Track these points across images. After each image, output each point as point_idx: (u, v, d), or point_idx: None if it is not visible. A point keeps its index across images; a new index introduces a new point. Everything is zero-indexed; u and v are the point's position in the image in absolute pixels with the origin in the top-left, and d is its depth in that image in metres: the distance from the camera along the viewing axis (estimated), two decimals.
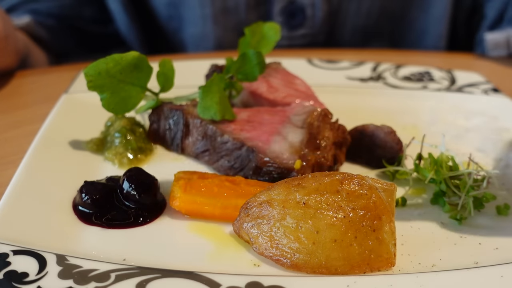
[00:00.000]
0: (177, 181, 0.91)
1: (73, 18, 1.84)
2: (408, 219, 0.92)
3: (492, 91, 1.36)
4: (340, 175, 0.82)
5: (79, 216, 0.89)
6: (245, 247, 0.84)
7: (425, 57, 1.76)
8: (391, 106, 1.32)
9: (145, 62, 1.04)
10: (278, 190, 0.82)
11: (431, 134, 1.14)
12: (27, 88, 1.47)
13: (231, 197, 0.90)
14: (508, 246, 0.85)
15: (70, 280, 0.73)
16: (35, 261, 0.76)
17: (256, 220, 0.81)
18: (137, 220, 0.89)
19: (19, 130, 1.22)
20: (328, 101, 1.19)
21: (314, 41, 1.82)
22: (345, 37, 1.85)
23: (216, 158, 1.04)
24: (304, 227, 0.77)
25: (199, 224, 0.89)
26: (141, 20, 1.87)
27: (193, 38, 1.85)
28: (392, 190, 0.82)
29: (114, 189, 0.93)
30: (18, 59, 1.53)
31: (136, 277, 0.74)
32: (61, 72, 1.58)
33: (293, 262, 0.77)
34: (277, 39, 1.24)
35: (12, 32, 1.48)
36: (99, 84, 1.01)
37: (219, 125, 1.04)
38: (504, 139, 1.18)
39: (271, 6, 1.76)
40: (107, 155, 1.06)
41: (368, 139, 1.07)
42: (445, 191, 0.95)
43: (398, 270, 0.79)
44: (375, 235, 0.78)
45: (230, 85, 1.14)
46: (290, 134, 1.00)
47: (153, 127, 1.13)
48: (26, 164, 0.98)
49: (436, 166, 0.97)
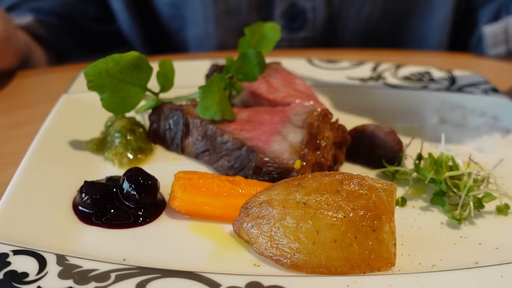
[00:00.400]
0: (177, 181, 0.91)
1: (75, 16, 1.84)
2: (408, 219, 0.92)
3: (492, 91, 1.36)
4: (340, 175, 0.82)
5: (79, 216, 0.89)
6: (245, 247, 0.84)
7: (425, 57, 1.76)
8: (391, 106, 1.33)
9: (145, 62, 1.04)
10: (278, 190, 0.82)
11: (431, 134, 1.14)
12: (27, 88, 1.47)
13: (231, 197, 0.90)
14: (508, 246, 0.85)
15: (70, 280, 0.73)
16: (35, 261, 0.76)
17: (256, 220, 0.81)
18: (137, 220, 0.89)
19: (19, 130, 1.22)
20: (328, 101, 1.19)
21: (314, 44, 1.83)
22: (345, 41, 1.85)
23: (216, 158, 1.04)
24: (304, 227, 0.77)
25: (199, 224, 0.89)
26: (143, 19, 1.87)
27: (196, 39, 1.86)
28: (392, 190, 0.82)
29: (114, 189, 0.93)
30: (19, 59, 1.53)
31: (136, 277, 0.74)
32: (61, 72, 1.58)
33: (293, 262, 0.77)
34: (277, 39, 1.24)
35: (13, 32, 1.48)
36: (99, 84, 1.01)
37: (219, 125, 1.04)
38: (504, 139, 1.18)
39: (272, 8, 1.77)
40: (107, 155, 1.06)
41: (368, 139, 1.07)
42: (445, 191, 0.95)
43: (398, 270, 0.79)
44: (375, 235, 0.78)
45: (230, 85, 1.14)
46: (290, 134, 1.00)
47: (153, 127, 1.13)
48: (26, 164, 0.97)
49: (436, 166, 0.97)
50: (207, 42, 1.84)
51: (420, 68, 1.50)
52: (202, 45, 1.86)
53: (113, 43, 1.92)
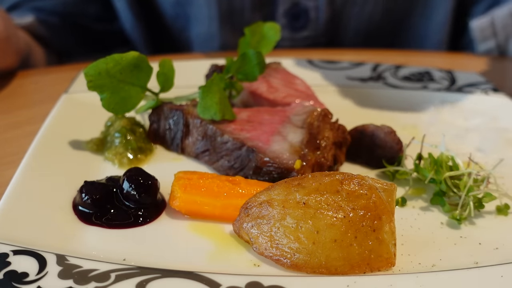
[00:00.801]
0: (177, 181, 0.91)
1: (77, 16, 1.84)
2: (408, 219, 0.92)
3: (492, 91, 1.36)
4: (340, 175, 0.82)
5: (79, 216, 0.89)
6: (245, 247, 0.84)
7: (425, 57, 1.76)
8: (391, 106, 1.32)
9: (145, 62, 1.04)
10: (278, 190, 0.82)
11: (431, 134, 1.14)
12: (28, 88, 1.47)
13: (231, 197, 0.90)
14: (508, 246, 0.85)
15: (70, 280, 0.73)
16: (35, 261, 0.76)
17: (256, 220, 0.81)
18: (137, 220, 0.89)
19: (19, 130, 1.22)
20: (328, 101, 1.19)
21: (316, 43, 1.83)
22: (347, 40, 1.86)
23: (216, 158, 1.04)
24: (304, 227, 0.77)
25: (199, 224, 0.89)
26: (146, 18, 1.87)
27: (199, 38, 1.86)
28: (392, 190, 0.82)
29: (114, 189, 0.93)
30: (19, 59, 1.53)
31: (136, 277, 0.74)
32: (61, 72, 1.58)
33: (293, 262, 0.77)
34: (277, 39, 1.24)
35: (13, 32, 1.48)
36: (99, 84, 1.01)
37: (219, 125, 1.04)
38: (504, 139, 1.18)
39: (275, 7, 1.77)
40: (107, 155, 1.06)
41: (368, 139, 1.07)
42: (445, 191, 0.95)
43: (398, 270, 0.79)
44: (375, 235, 0.78)
45: (230, 85, 1.14)
46: (290, 134, 1.00)
47: (153, 127, 1.13)
48: (26, 164, 0.97)
49: (436, 166, 0.97)
50: (211, 41, 1.84)
51: (420, 68, 1.50)
52: (205, 45, 1.86)
53: (115, 43, 1.92)
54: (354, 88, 1.39)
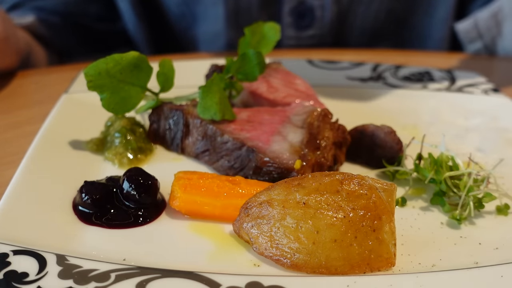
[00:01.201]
0: (177, 181, 0.91)
1: (78, 15, 1.84)
2: (408, 219, 0.92)
3: (492, 91, 1.36)
4: (340, 175, 0.82)
5: (79, 216, 0.89)
6: (245, 247, 0.84)
7: (425, 57, 1.76)
8: (391, 106, 1.32)
9: (145, 62, 1.04)
10: (278, 190, 0.82)
11: (431, 134, 1.14)
12: (28, 88, 1.47)
13: (231, 197, 0.90)
14: (508, 246, 0.85)
15: (70, 280, 0.73)
16: (35, 261, 0.76)
17: (256, 220, 0.81)
18: (137, 220, 0.89)
19: (19, 130, 1.22)
20: (328, 101, 1.19)
21: (322, 42, 1.83)
22: (352, 39, 1.86)
23: (216, 158, 1.04)
24: (304, 227, 0.77)
25: (199, 224, 0.89)
26: (150, 18, 1.87)
27: (205, 36, 1.85)
28: (392, 190, 0.82)
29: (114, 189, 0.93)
30: (19, 59, 1.53)
31: (136, 277, 0.74)
32: (62, 72, 1.58)
33: (293, 262, 0.77)
34: (277, 39, 1.24)
35: (13, 32, 1.48)
36: (99, 84, 1.01)
37: (219, 125, 1.04)
38: (504, 139, 1.18)
39: (281, 6, 1.77)
40: (107, 155, 1.06)
41: (368, 139, 1.07)
42: (445, 191, 0.95)
43: (398, 270, 0.79)
44: (375, 235, 0.78)
45: (230, 85, 1.14)
46: (290, 134, 1.00)
47: (153, 127, 1.13)
48: (26, 164, 0.97)
49: (436, 166, 0.97)
50: (216, 40, 1.84)
51: (420, 68, 1.50)
52: (211, 43, 1.86)
53: (117, 43, 1.92)
54: (354, 88, 1.39)
